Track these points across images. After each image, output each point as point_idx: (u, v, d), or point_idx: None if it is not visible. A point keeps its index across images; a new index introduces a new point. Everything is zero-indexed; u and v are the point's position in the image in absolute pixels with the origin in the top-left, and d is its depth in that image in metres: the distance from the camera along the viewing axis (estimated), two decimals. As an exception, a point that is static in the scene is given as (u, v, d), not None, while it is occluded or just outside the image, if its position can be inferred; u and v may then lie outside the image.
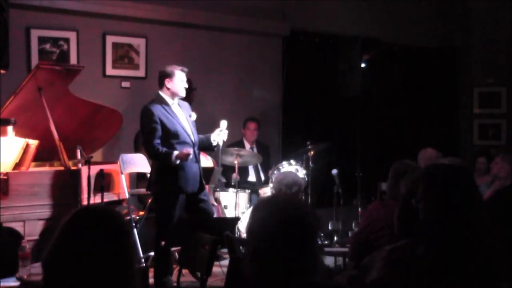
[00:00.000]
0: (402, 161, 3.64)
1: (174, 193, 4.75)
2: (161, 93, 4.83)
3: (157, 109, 4.74)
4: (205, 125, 6.67)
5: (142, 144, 4.98)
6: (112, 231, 1.66)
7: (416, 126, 8.57)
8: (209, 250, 3.65)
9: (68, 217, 1.67)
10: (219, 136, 4.93)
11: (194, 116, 5.02)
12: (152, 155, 4.82)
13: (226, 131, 4.92)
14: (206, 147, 5.05)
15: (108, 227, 1.66)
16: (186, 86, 4.89)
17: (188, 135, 4.84)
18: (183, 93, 4.88)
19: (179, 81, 4.81)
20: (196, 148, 4.88)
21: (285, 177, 4.40)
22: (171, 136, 4.74)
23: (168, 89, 4.80)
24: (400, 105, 8.47)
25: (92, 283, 1.59)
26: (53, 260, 1.62)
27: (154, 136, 4.68)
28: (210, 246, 3.66)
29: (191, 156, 4.72)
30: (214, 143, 4.97)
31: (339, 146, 7.48)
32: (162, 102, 4.80)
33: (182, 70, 4.84)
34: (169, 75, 4.79)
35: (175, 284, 4.81)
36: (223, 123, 4.92)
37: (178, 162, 4.63)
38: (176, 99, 4.89)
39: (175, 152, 4.63)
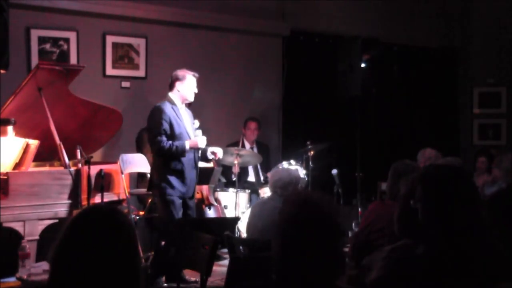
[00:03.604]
0: (402, 161, 3.64)
1: (175, 197, 4.83)
2: (171, 95, 4.93)
3: (168, 109, 4.85)
4: (204, 125, 6.66)
5: (149, 141, 5.00)
6: (118, 229, 1.68)
7: (416, 126, 8.56)
8: (209, 250, 3.65)
9: (75, 216, 1.70)
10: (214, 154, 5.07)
11: (197, 123, 5.14)
12: (163, 151, 4.79)
13: (204, 137, 5.00)
14: (202, 158, 5.16)
15: (114, 225, 1.68)
16: (196, 91, 5.00)
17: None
18: (191, 98, 5.00)
19: (189, 85, 4.92)
20: (197, 155, 4.98)
21: (279, 179, 4.37)
22: (174, 138, 4.82)
23: (178, 91, 4.91)
24: (400, 105, 8.47)
25: (99, 281, 1.61)
26: (60, 257, 1.64)
27: (163, 134, 4.78)
28: (210, 246, 3.66)
29: (190, 157, 4.84)
30: (210, 157, 5.11)
31: (339, 146, 7.47)
32: (172, 103, 4.90)
33: (194, 76, 4.96)
34: (181, 79, 4.91)
35: (165, 285, 4.83)
36: (198, 131, 5.02)
37: (188, 149, 4.78)
38: (183, 103, 5.00)
39: (188, 141, 4.78)
